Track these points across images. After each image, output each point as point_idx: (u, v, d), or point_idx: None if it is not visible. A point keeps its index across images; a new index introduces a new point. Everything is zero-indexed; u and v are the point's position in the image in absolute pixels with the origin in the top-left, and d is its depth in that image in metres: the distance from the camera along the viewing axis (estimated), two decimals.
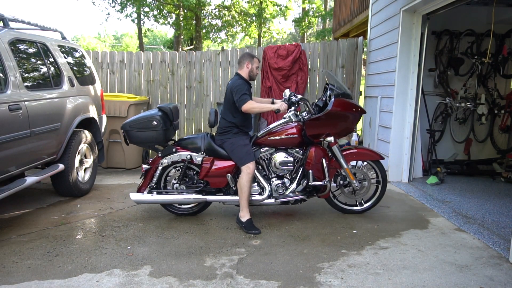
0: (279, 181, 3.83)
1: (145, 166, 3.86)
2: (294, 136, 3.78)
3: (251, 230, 3.59)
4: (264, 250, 3.20)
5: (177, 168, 3.91)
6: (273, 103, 4.08)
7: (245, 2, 19.13)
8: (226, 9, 19.09)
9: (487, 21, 5.29)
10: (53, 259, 3.01)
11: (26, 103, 3.65)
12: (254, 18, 19.40)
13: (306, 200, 3.86)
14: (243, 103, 3.65)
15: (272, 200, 3.80)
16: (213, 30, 20.28)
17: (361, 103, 6.96)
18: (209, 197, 3.83)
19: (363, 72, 7.28)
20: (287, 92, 3.98)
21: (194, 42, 19.88)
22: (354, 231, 3.62)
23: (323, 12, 22.91)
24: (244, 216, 3.67)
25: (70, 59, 4.76)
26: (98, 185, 5.17)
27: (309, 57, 6.83)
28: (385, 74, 5.69)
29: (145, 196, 3.83)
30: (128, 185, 5.23)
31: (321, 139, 3.82)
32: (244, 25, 19.78)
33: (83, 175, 4.70)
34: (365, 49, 6.88)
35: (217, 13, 19.28)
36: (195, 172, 3.90)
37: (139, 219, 3.91)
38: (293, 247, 3.27)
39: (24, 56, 3.98)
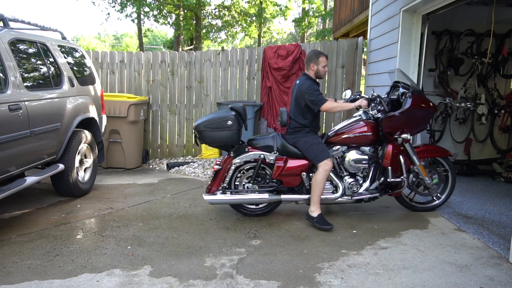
0: (352, 179, 3.85)
1: (216, 167, 3.86)
2: (368, 134, 3.83)
3: (323, 225, 3.61)
4: (264, 250, 3.20)
5: (246, 169, 3.92)
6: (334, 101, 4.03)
7: (245, 2, 19.13)
8: (226, 9, 19.09)
9: (487, 21, 5.28)
10: (53, 259, 3.01)
11: (26, 103, 3.65)
12: (254, 18, 19.39)
13: (378, 198, 3.91)
14: (322, 103, 3.69)
15: (346, 198, 3.82)
16: (213, 30, 20.28)
17: None
18: (284, 196, 3.86)
19: (363, 72, 7.28)
20: (348, 92, 4.04)
21: (194, 42, 19.87)
22: (354, 231, 3.62)
23: (323, 12, 22.92)
24: (315, 211, 3.69)
25: (70, 59, 4.76)
26: (98, 185, 5.17)
27: None
28: (385, 74, 5.69)
29: (219, 197, 3.83)
30: (128, 185, 5.23)
31: (396, 136, 3.82)
32: (244, 25, 19.78)
33: (83, 175, 4.70)
34: (365, 49, 6.88)
35: (217, 13, 19.28)
36: (266, 172, 3.92)
37: (139, 219, 3.91)
38: (293, 247, 3.27)
39: (24, 56, 3.98)
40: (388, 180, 3.79)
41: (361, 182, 3.88)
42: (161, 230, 3.62)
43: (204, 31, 19.57)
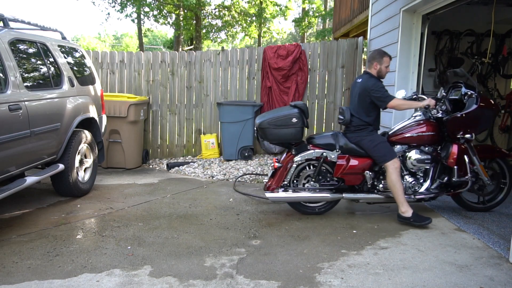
0: (412, 179, 3.87)
1: (277, 164, 3.86)
2: (431, 134, 3.85)
3: (422, 222, 3.62)
4: (264, 250, 3.20)
5: (305, 167, 3.93)
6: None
7: (245, 2, 19.12)
8: (226, 9, 19.09)
9: (487, 21, 5.28)
10: (53, 259, 3.01)
11: (26, 103, 3.65)
12: (254, 18, 19.39)
13: (437, 197, 3.93)
14: (390, 99, 3.70)
15: (407, 197, 3.80)
16: (213, 30, 20.28)
17: None
18: (346, 195, 3.87)
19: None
20: (402, 92, 4.03)
21: (194, 42, 19.87)
22: (354, 231, 3.62)
23: (323, 12, 22.91)
24: (407, 211, 3.68)
25: (70, 59, 4.76)
26: (98, 185, 5.17)
27: (309, 57, 6.83)
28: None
29: (281, 194, 3.85)
30: (128, 185, 5.23)
31: (459, 136, 3.83)
32: (244, 25, 19.78)
33: (83, 175, 4.70)
34: (365, 49, 6.88)
35: (217, 13, 19.28)
36: (326, 170, 3.92)
37: (139, 219, 3.91)
38: (293, 247, 3.27)
39: (24, 56, 3.98)
40: (454, 179, 3.79)
41: (421, 181, 3.89)
42: (161, 230, 3.62)
43: (204, 31, 19.57)
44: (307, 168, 3.95)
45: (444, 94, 3.89)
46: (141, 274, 2.80)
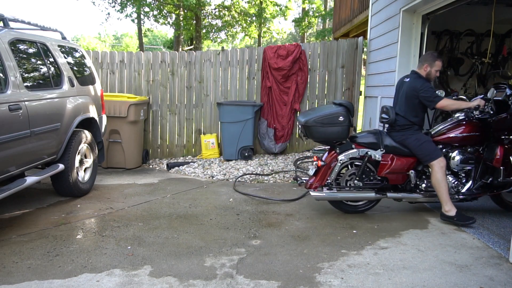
0: (455, 179, 3.88)
1: (321, 163, 3.87)
2: (475, 134, 3.86)
3: (466, 221, 3.63)
4: (264, 250, 3.20)
5: (348, 165, 3.96)
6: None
7: (245, 2, 19.14)
8: (226, 9, 19.10)
9: (487, 21, 5.29)
10: (53, 259, 3.01)
11: (26, 103, 3.65)
12: (254, 18, 19.41)
13: (478, 198, 3.95)
14: (438, 100, 3.71)
15: (451, 197, 3.80)
16: (213, 30, 20.30)
17: (361, 103, 6.98)
18: (390, 194, 3.89)
19: (363, 72, 7.29)
20: (440, 93, 4.05)
21: (194, 42, 19.88)
22: (354, 231, 3.62)
23: (323, 12, 22.93)
24: (451, 210, 3.69)
25: (70, 59, 4.76)
26: (98, 185, 5.17)
27: (309, 57, 6.83)
28: (385, 74, 5.69)
29: (326, 193, 3.87)
30: (128, 185, 5.23)
31: (503, 137, 3.83)
32: (244, 25, 19.79)
33: (83, 175, 4.70)
34: (365, 49, 6.89)
35: (217, 13, 19.29)
36: (369, 169, 3.94)
37: (139, 219, 3.91)
38: (293, 247, 3.27)
39: (24, 56, 3.98)
40: (499, 180, 3.78)
41: (463, 181, 3.90)
42: (161, 230, 3.62)
43: (204, 31, 19.58)
44: (349, 167, 3.97)
45: (492, 95, 3.86)
46: (141, 274, 2.80)
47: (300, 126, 3.96)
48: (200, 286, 2.63)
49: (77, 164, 4.53)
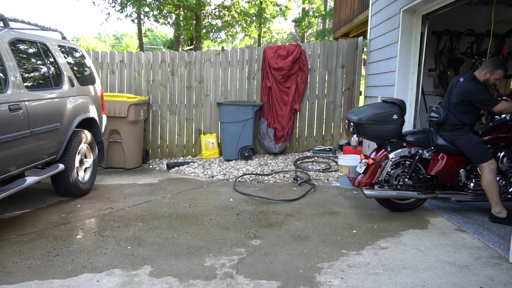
0: (503, 179, 3.88)
1: (372, 160, 3.89)
2: None
3: None
4: (264, 250, 3.20)
5: (397, 164, 3.97)
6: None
7: (245, 2, 19.14)
8: (226, 9, 19.11)
9: (487, 21, 5.29)
10: (53, 259, 3.01)
11: (26, 103, 3.65)
12: (254, 18, 19.41)
13: None
14: (496, 103, 3.69)
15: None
16: (213, 30, 20.30)
17: (361, 103, 6.98)
18: (440, 193, 3.90)
19: (363, 72, 7.29)
20: None
21: (194, 42, 19.88)
22: (354, 231, 3.62)
23: (323, 12, 22.93)
24: (501, 212, 3.69)
25: (70, 59, 4.76)
26: (98, 185, 5.17)
27: (309, 57, 6.83)
28: (385, 74, 5.69)
29: (379, 191, 3.89)
30: (128, 185, 5.23)
31: None
32: (244, 25, 19.80)
33: (83, 175, 4.70)
34: (365, 49, 6.89)
35: (217, 13, 19.29)
36: (418, 167, 3.95)
37: (139, 219, 3.91)
38: (293, 247, 3.27)
39: (24, 56, 3.98)
40: None
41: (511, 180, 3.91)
42: (161, 230, 3.62)
43: (204, 31, 19.58)
44: (397, 165, 3.98)
45: None
46: (141, 274, 2.80)
47: (351, 123, 3.98)
48: (200, 286, 2.63)
49: (77, 164, 4.53)
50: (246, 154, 6.51)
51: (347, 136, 6.98)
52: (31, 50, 4.11)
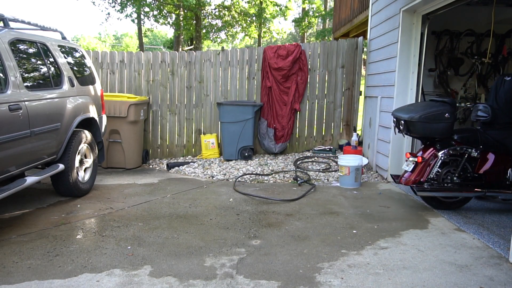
0: None
1: (421, 159, 3.91)
2: None
3: None
4: (264, 250, 3.20)
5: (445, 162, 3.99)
6: None
7: (245, 2, 19.15)
8: (226, 9, 19.11)
9: (487, 21, 5.29)
10: (53, 259, 3.01)
11: (26, 103, 3.65)
12: (254, 18, 19.42)
13: None
14: None
15: None
16: (213, 30, 20.31)
17: (361, 103, 6.98)
18: (489, 192, 3.91)
19: (363, 72, 7.29)
20: None
21: (194, 42, 19.89)
22: (354, 231, 3.62)
23: (323, 12, 22.93)
24: None
25: (70, 59, 4.76)
26: (98, 185, 5.17)
27: (309, 57, 6.83)
28: (385, 74, 5.69)
29: (429, 189, 3.92)
30: (128, 185, 5.23)
31: None
32: (244, 25, 19.80)
33: (83, 175, 4.70)
34: (365, 49, 6.89)
35: (217, 13, 19.30)
36: (465, 166, 3.96)
37: (139, 219, 3.91)
38: (293, 247, 3.27)
39: (24, 56, 3.98)
40: None
41: None
42: (161, 230, 3.62)
43: (204, 31, 19.59)
44: (444, 164, 4.00)
45: None
46: (141, 274, 2.80)
47: (401, 121, 3.99)
48: (200, 286, 2.63)
49: (77, 164, 4.53)
50: (246, 154, 6.51)
51: (347, 136, 6.98)
52: (31, 50, 4.11)
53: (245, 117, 6.43)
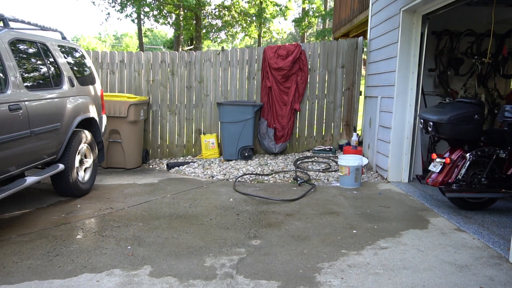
0: None
1: (449, 160, 3.92)
2: None
3: None
4: (264, 250, 3.20)
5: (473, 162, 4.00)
6: None
7: (245, 2, 19.15)
8: (226, 9, 19.12)
9: (487, 21, 5.29)
10: (53, 259, 3.01)
11: (26, 103, 3.65)
12: (254, 18, 19.42)
13: None
14: None
15: None
16: (213, 30, 20.31)
17: (361, 103, 6.98)
18: None
19: (363, 72, 7.29)
20: None
21: (194, 42, 19.89)
22: (354, 231, 3.62)
23: (323, 12, 22.93)
24: None
25: (70, 59, 4.76)
26: (98, 185, 5.17)
27: (309, 57, 6.83)
28: (385, 74, 5.69)
29: (458, 190, 3.93)
30: (128, 185, 5.23)
31: None
32: (244, 25, 19.81)
33: (83, 175, 4.70)
34: (365, 49, 6.89)
35: (217, 13, 19.30)
36: (493, 167, 3.98)
37: (139, 219, 3.91)
38: (293, 247, 3.27)
39: (24, 56, 3.98)
40: None
41: None
42: (161, 230, 3.62)
43: (204, 31, 19.59)
44: (474, 164, 4.01)
45: None
46: (141, 274, 2.80)
47: (430, 123, 4.00)
48: (200, 286, 2.63)
49: (77, 164, 4.53)
50: (246, 154, 6.51)
51: (347, 136, 6.98)
52: (31, 50, 4.11)
53: (245, 117, 6.43)
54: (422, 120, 4.29)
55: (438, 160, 4.00)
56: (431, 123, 4.03)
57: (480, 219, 3.93)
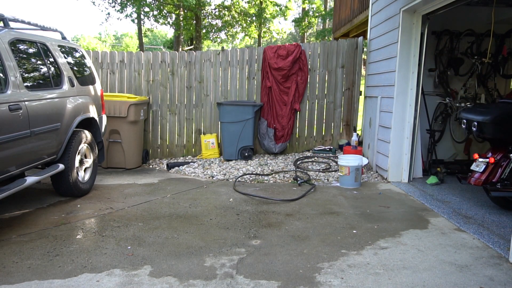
0: None
1: (493, 159, 3.91)
2: None
3: None
4: (264, 250, 3.20)
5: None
6: None
7: (245, 2, 19.16)
8: (226, 9, 19.13)
9: (487, 21, 5.28)
10: (53, 259, 3.01)
11: (26, 103, 3.65)
12: (254, 18, 19.43)
13: None
14: None
15: None
16: (213, 30, 20.32)
17: (361, 103, 6.98)
18: None
19: (363, 72, 7.29)
20: None
21: (194, 42, 19.90)
22: (354, 231, 3.62)
23: (323, 12, 22.94)
24: None
25: (70, 59, 4.76)
26: (98, 185, 5.17)
27: (309, 57, 6.83)
28: (385, 74, 5.69)
29: (504, 190, 3.91)
30: (128, 185, 5.23)
31: None
32: (244, 25, 19.81)
33: (83, 175, 4.70)
34: (365, 49, 6.89)
35: (217, 13, 19.31)
36: None
37: (139, 219, 3.91)
38: (293, 247, 3.27)
39: (24, 56, 3.98)
40: None
41: None
42: (161, 230, 3.62)
43: (204, 31, 19.60)
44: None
45: None
46: (141, 274, 2.80)
47: (474, 123, 3.99)
48: (200, 286, 2.63)
49: (77, 164, 4.53)
50: (246, 154, 6.51)
51: (347, 136, 6.98)
52: (31, 50, 4.11)
53: (245, 117, 6.43)
54: (465, 120, 4.28)
55: (481, 160, 3.99)
56: (476, 123, 4.02)
57: (480, 219, 3.93)
